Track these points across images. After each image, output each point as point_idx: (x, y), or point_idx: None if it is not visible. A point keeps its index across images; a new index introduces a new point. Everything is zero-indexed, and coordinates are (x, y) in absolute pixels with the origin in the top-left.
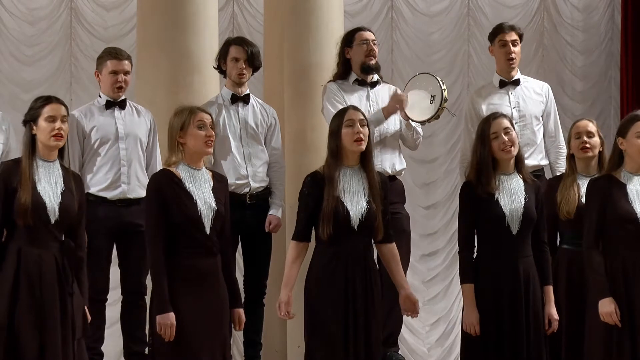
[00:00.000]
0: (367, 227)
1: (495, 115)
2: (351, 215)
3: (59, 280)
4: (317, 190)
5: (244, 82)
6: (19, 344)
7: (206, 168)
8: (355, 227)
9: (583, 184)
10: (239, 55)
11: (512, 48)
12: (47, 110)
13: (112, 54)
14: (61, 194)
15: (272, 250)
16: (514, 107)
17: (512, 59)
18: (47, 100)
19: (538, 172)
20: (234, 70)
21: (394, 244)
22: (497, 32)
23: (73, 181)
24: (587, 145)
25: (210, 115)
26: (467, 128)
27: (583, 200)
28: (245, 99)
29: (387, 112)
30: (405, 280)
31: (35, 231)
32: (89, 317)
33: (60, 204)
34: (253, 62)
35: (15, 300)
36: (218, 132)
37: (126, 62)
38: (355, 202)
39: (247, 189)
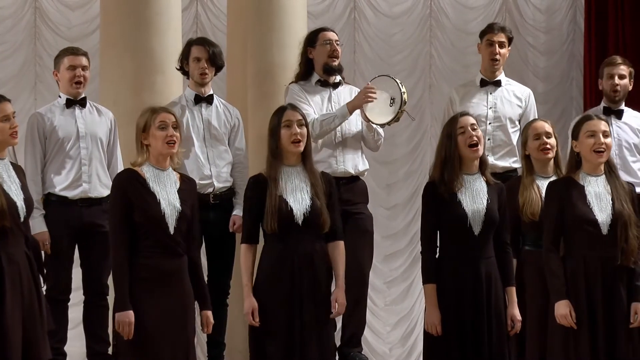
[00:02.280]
0: (313, 223)
1: (462, 113)
2: (294, 211)
3: (32, 276)
4: (260, 192)
5: (206, 82)
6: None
7: (174, 170)
8: (300, 223)
9: (542, 185)
10: (201, 55)
11: (498, 49)
12: None
13: (69, 50)
14: (21, 190)
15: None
16: (490, 107)
17: (496, 59)
18: None
19: (510, 173)
20: (196, 70)
21: (342, 243)
22: (487, 31)
23: (22, 174)
24: (548, 147)
25: (174, 115)
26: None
27: None
28: (209, 100)
29: (353, 106)
30: (342, 281)
31: (10, 231)
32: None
33: (24, 200)
34: (215, 61)
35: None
36: (183, 132)
37: (83, 57)
38: (298, 199)
39: (210, 189)
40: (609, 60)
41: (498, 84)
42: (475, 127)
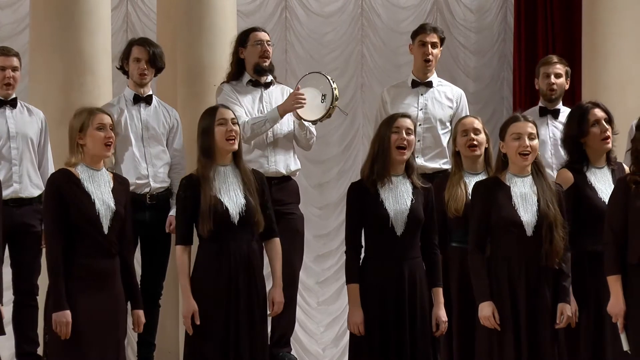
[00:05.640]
0: (248, 223)
1: (403, 114)
2: (230, 211)
3: None
4: (193, 192)
5: (145, 83)
6: None
7: (107, 169)
8: (236, 223)
9: (470, 182)
10: (141, 55)
11: (430, 49)
12: None
13: (0, 50)
14: None
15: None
16: (420, 109)
17: (429, 60)
18: None
19: (439, 174)
20: (135, 70)
21: (278, 239)
22: (419, 32)
23: None
24: (475, 143)
25: (110, 116)
26: (377, 125)
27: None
28: (148, 100)
29: (283, 110)
30: (279, 279)
31: None
32: (4, 315)
33: None
34: (155, 62)
35: None
36: (119, 131)
37: (14, 58)
38: (233, 198)
39: (147, 189)
40: (545, 59)
41: (429, 85)
42: (410, 132)
